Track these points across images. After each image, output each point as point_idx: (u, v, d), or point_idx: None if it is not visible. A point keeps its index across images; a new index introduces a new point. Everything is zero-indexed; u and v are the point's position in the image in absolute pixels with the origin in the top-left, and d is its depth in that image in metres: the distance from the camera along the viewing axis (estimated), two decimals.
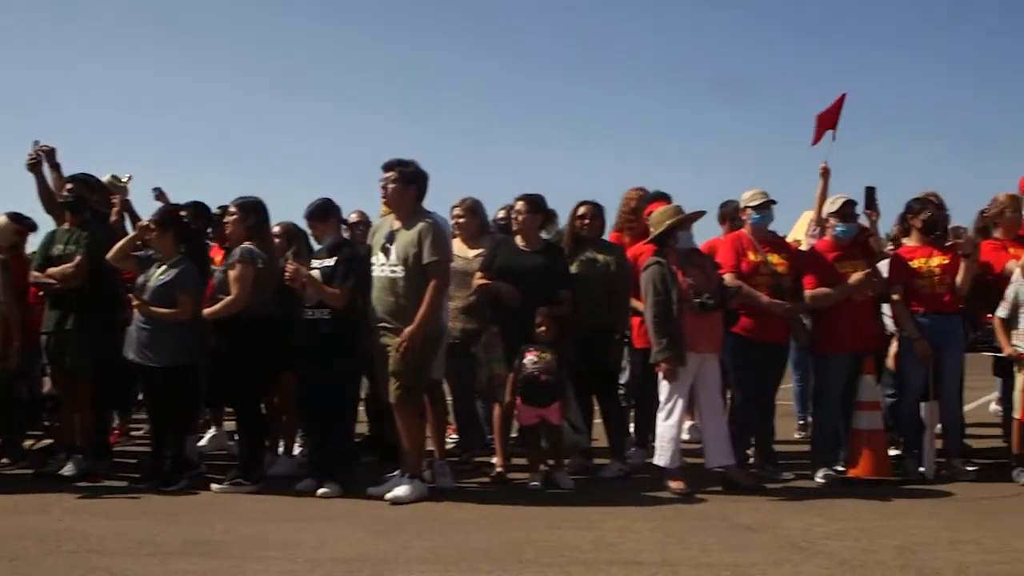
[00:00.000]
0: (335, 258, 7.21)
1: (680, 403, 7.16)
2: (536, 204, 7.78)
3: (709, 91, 62.72)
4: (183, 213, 8.01)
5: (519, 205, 7.76)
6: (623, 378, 8.58)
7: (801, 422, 9.53)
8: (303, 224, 7.73)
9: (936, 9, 55.87)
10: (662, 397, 7.20)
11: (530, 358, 7.27)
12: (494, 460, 7.75)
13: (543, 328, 7.29)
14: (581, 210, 8.00)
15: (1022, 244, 7.77)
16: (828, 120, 9.01)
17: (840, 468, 7.70)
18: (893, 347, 8.02)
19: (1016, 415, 7.46)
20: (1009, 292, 7.55)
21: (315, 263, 7.30)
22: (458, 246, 8.02)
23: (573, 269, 7.81)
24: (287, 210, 8.75)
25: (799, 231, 9.11)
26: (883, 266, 7.96)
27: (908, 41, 59.29)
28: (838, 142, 8.93)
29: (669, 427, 7.16)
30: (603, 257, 7.88)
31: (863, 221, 8.21)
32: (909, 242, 8.01)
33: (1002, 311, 7.56)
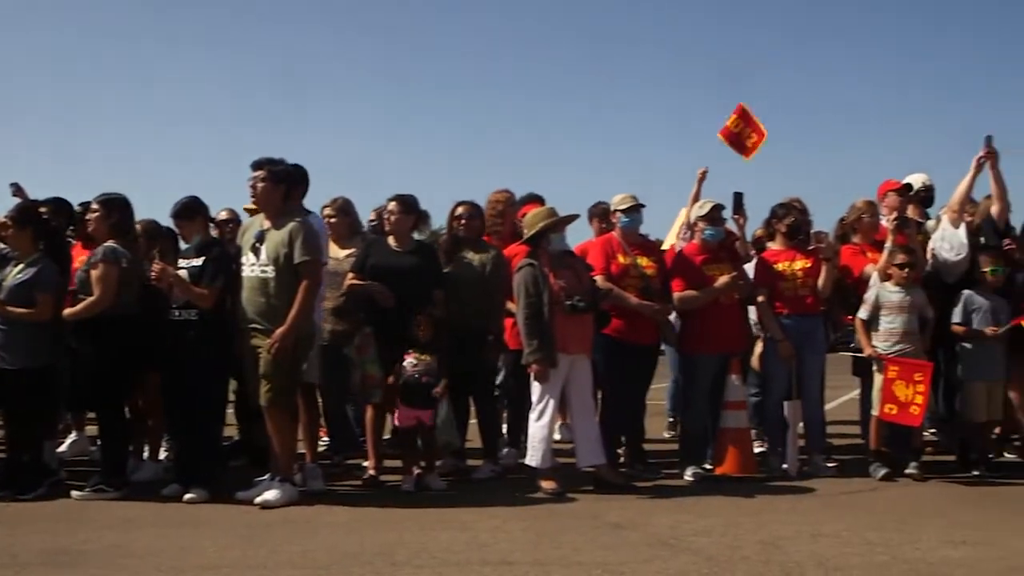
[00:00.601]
0: (203, 257, 7.05)
1: (551, 404, 7.21)
2: (408, 204, 7.74)
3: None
4: (42, 210, 7.72)
5: (391, 205, 7.72)
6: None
7: (671, 421, 9.72)
8: (170, 223, 7.55)
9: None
10: (534, 398, 7.25)
11: (410, 360, 7.24)
12: (366, 462, 7.68)
13: (422, 329, 7.26)
14: (459, 210, 8.00)
15: (879, 248, 8.06)
16: (752, 131, 9.20)
17: (708, 466, 7.88)
18: (758, 348, 8.23)
19: (874, 412, 7.75)
20: (868, 295, 7.83)
21: (182, 262, 7.12)
22: (329, 246, 7.94)
23: (448, 269, 7.82)
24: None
25: (674, 235, 9.27)
26: (749, 269, 8.18)
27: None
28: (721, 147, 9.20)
29: (540, 427, 7.21)
30: (479, 258, 7.90)
31: (731, 226, 8.41)
32: (774, 246, 8.24)
33: (863, 313, 7.84)
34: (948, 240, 8.17)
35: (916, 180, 9.08)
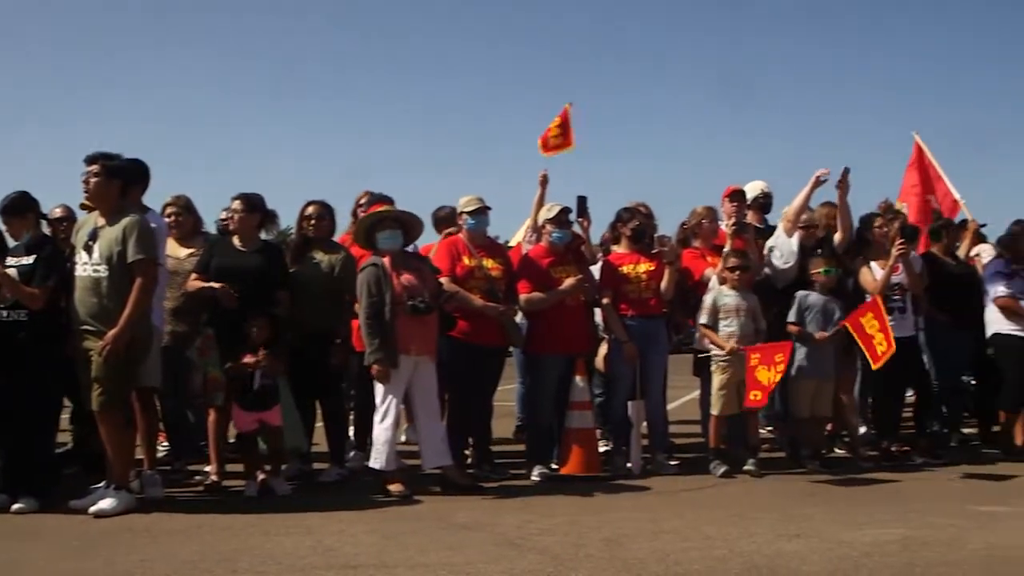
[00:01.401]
0: (34, 256, 6.75)
1: (393, 406, 7.16)
2: (253, 203, 7.59)
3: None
4: None
5: (235, 204, 7.55)
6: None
7: (520, 423, 9.79)
8: None
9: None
10: (377, 400, 7.20)
11: (248, 361, 7.10)
12: (208, 468, 7.50)
13: (259, 330, 7.13)
14: (309, 210, 7.90)
15: (719, 253, 8.31)
16: (562, 134, 9.36)
17: (554, 466, 7.97)
18: (603, 349, 8.36)
19: (713, 412, 7.98)
20: (707, 299, 8.06)
21: (11, 261, 6.79)
22: (170, 245, 7.73)
23: (295, 270, 7.70)
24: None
25: (520, 236, 9.36)
26: (595, 271, 8.30)
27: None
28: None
29: (383, 430, 7.15)
30: (328, 259, 7.80)
31: (576, 228, 8.52)
32: (618, 249, 8.39)
33: (703, 318, 8.05)
34: (780, 248, 8.50)
35: (754, 187, 9.41)
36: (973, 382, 10.06)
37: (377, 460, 7.19)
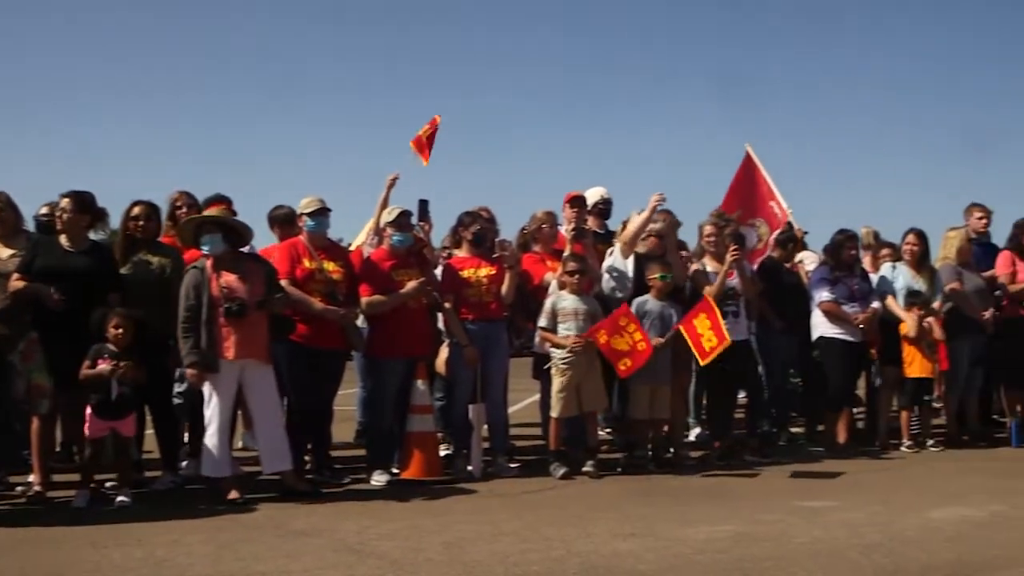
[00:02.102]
0: None
1: (219, 411, 6.99)
2: (83, 202, 7.31)
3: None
4: None
5: (64, 202, 7.26)
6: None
7: (360, 427, 9.69)
8: None
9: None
10: (205, 407, 7.02)
11: (104, 367, 6.82)
12: (31, 478, 7.16)
13: (120, 332, 6.86)
14: (135, 211, 7.64)
15: (558, 257, 8.42)
16: (425, 142, 9.29)
17: (395, 470, 7.92)
18: (443, 352, 8.36)
19: (553, 414, 8.07)
20: (547, 303, 8.16)
21: None
22: None
23: (124, 271, 7.44)
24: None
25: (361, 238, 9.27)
26: (437, 275, 8.30)
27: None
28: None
29: (211, 436, 6.98)
30: (157, 260, 7.57)
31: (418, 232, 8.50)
32: (460, 253, 8.41)
33: (543, 321, 8.14)
34: (616, 267, 8.67)
35: (594, 194, 9.58)
36: (800, 383, 10.48)
37: (208, 467, 7.01)
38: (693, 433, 9.85)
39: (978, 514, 6.45)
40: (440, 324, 8.43)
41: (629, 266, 8.64)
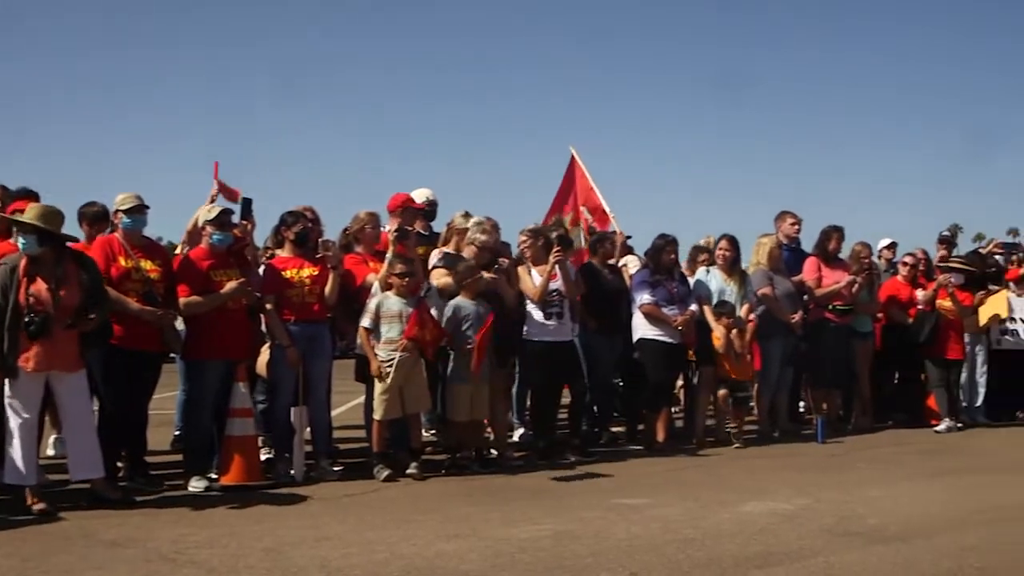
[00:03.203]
0: None
1: (22, 417, 6.62)
2: None
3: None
4: None
5: None
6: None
7: (179, 432, 9.39)
8: None
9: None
10: (7, 412, 6.67)
11: None
12: None
13: None
14: None
15: (381, 258, 8.38)
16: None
17: (214, 476, 7.71)
18: (265, 354, 8.20)
19: (376, 416, 8.02)
20: (371, 304, 8.10)
21: None
22: None
23: None
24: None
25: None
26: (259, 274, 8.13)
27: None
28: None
29: (15, 442, 6.60)
30: None
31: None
32: (282, 253, 8.26)
33: (366, 321, 8.08)
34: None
35: (420, 195, 9.58)
36: (621, 384, 10.73)
37: (12, 475, 6.65)
38: (517, 434, 9.95)
39: (786, 507, 6.74)
40: (262, 325, 8.25)
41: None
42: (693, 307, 9.80)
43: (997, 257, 13.33)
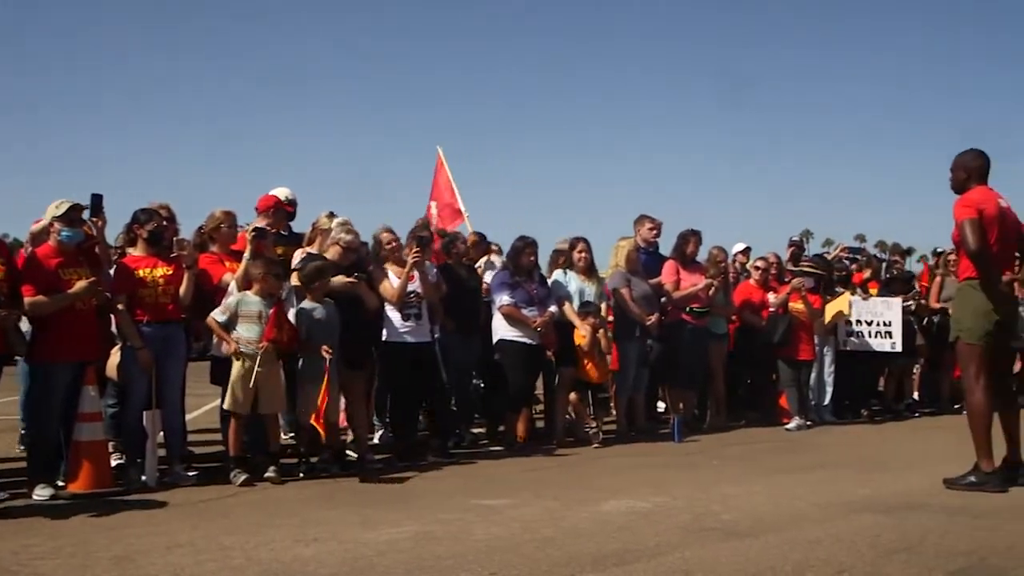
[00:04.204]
0: None
1: None
2: None
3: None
4: None
5: None
6: None
7: (23, 435, 9.01)
8: None
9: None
10: None
11: None
12: None
13: None
14: None
15: (237, 258, 8.21)
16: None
17: (61, 483, 7.43)
18: (115, 356, 7.94)
19: (225, 406, 7.89)
20: (229, 302, 7.93)
21: None
22: None
23: None
24: None
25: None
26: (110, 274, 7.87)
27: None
28: None
29: None
30: None
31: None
32: (135, 252, 8.01)
33: (220, 316, 7.90)
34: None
35: (280, 194, 9.43)
36: (482, 385, 10.76)
37: None
38: (377, 435, 9.88)
39: (644, 505, 6.85)
40: (112, 326, 7.99)
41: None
42: (552, 308, 9.90)
43: (845, 261, 13.90)
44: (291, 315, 8.16)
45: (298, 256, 8.73)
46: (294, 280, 8.44)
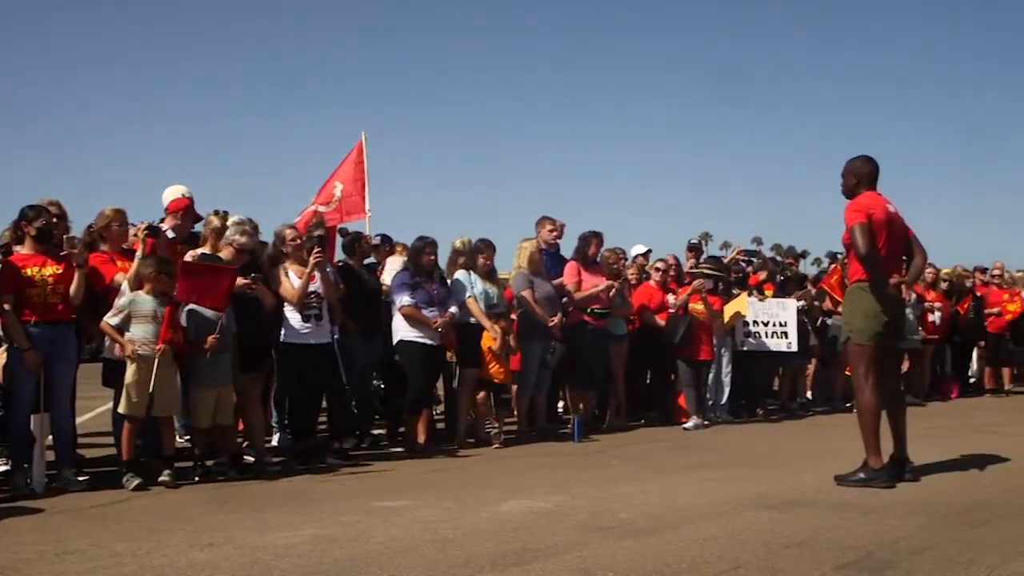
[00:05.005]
0: None
1: None
2: None
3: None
4: None
5: None
6: None
7: None
8: None
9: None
10: None
11: None
12: None
13: None
14: None
15: (129, 257, 8.04)
16: None
17: None
18: (1, 358, 7.69)
19: (120, 410, 7.73)
20: (122, 302, 7.75)
21: None
22: None
23: None
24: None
25: None
26: None
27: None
28: None
29: None
30: None
31: None
32: (22, 250, 7.77)
33: (114, 319, 7.72)
34: None
35: (175, 192, 9.26)
36: (382, 386, 10.70)
37: None
38: (275, 438, 9.75)
39: (544, 505, 6.88)
40: None
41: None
42: (453, 309, 9.88)
43: (742, 263, 14.17)
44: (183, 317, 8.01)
45: (189, 258, 8.54)
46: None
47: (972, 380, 16.71)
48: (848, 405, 12.27)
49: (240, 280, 8.30)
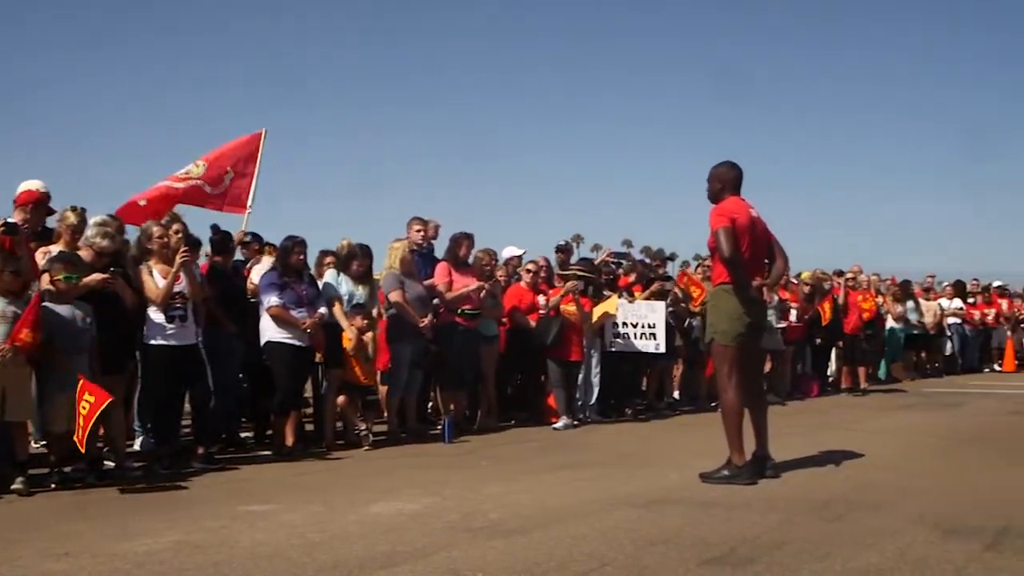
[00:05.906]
0: None
1: None
2: None
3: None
4: None
5: None
6: None
7: None
8: None
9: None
10: None
11: None
12: None
13: None
14: None
15: None
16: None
17: None
18: None
19: None
20: None
21: None
22: None
23: None
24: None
25: None
26: None
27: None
28: None
29: None
30: None
31: None
32: None
33: None
34: None
35: (33, 186, 8.94)
36: (248, 387, 10.49)
37: None
38: (137, 442, 9.48)
39: (413, 506, 6.85)
40: None
41: None
42: (322, 310, 9.76)
43: (612, 265, 14.36)
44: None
45: (41, 256, 8.22)
46: (44, 282, 7.96)
47: (831, 379, 17.33)
48: (713, 405, 12.54)
49: (96, 276, 8.04)
